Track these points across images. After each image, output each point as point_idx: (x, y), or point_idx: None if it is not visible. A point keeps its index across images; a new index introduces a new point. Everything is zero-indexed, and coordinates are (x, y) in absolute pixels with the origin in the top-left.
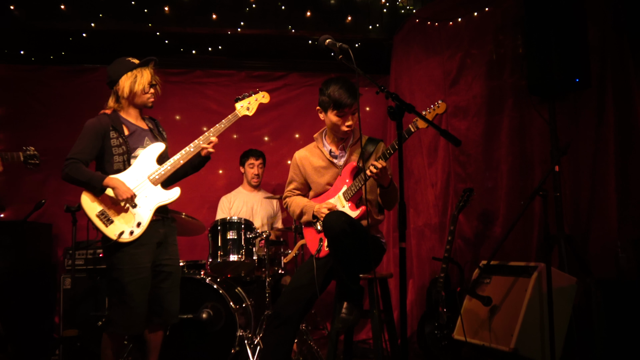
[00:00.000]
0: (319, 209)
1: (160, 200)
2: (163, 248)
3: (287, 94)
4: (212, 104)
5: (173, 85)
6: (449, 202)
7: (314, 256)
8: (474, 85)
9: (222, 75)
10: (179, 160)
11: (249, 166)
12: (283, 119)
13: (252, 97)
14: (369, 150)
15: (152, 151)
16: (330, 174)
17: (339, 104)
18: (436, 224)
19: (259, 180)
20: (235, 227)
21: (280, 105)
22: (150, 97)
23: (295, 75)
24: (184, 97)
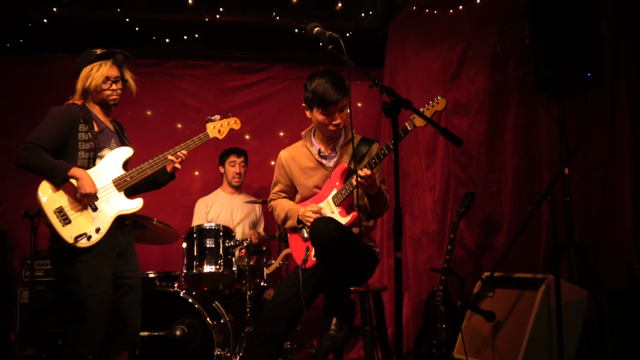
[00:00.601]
0: (303, 213)
1: (122, 209)
2: (124, 259)
3: (271, 88)
4: (187, 98)
5: (144, 77)
6: (449, 207)
7: (299, 267)
8: (476, 79)
9: (198, 67)
10: (146, 170)
11: (230, 164)
12: (266, 115)
13: (224, 120)
14: (362, 151)
15: (120, 154)
16: (319, 176)
17: (324, 101)
18: (434, 232)
19: (241, 180)
20: (212, 235)
21: (263, 100)
22: (111, 95)
23: (279, 67)
24: (156, 91)
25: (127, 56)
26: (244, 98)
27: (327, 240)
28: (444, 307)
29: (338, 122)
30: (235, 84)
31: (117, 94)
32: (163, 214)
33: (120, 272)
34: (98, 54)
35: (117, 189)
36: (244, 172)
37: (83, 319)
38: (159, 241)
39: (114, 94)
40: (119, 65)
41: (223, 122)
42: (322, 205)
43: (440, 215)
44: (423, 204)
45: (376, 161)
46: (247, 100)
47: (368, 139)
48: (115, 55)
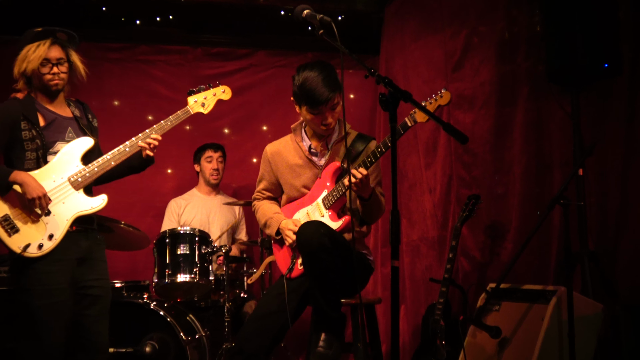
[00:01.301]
0: (284, 228)
1: (81, 209)
2: (88, 266)
3: (254, 77)
4: (160, 87)
5: (111, 63)
6: (450, 211)
7: (285, 276)
8: (482, 70)
9: (173, 52)
10: (109, 162)
11: (206, 160)
12: (248, 107)
13: (210, 91)
14: (357, 149)
15: (76, 147)
16: (308, 175)
17: (312, 100)
18: (434, 238)
19: (219, 178)
20: (187, 240)
21: (245, 90)
22: (52, 79)
23: (263, 54)
24: (125, 78)
25: (71, 35)
26: None
27: (315, 247)
28: (445, 322)
29: (329, 122)
30: (214, 71)
31: (59, 78)
32: (131, 216)
33: (83, 280)
34: (35, 33)
35: (75, 187)
36: (222, 169)
37: (34, 334)
38: (126, 247)
39: (56, 78)
40: (62, 46)
41: (208, 94)
42: (311, 208)
43: (440, 220)
44: (422, 207)
45: (372, 160)
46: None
47: (365, 136)
48: (56, 34)
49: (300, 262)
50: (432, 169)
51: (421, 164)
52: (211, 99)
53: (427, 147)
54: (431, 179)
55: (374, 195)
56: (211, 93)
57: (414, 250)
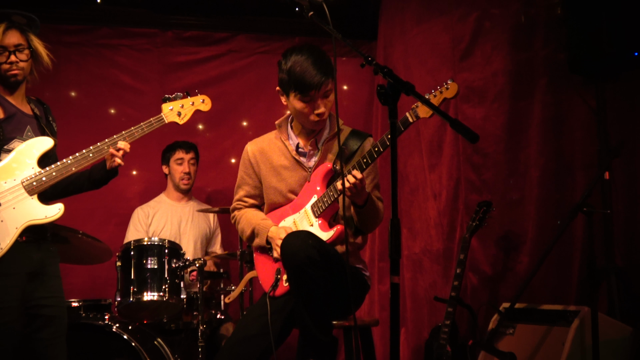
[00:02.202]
0: (275, 235)
1: (33, 217)
2: (39, 282)
3: (232, 65)
4: (124, 76)
5: (67, 48)
6: (458, 220)
7: (268, 294)
8: (494, 58)
9: (139, 36)
10: (69, 167)
11: (176, 162)
12: (226, 99)
13: (187, 99)
14: (351, 147)
15: (34, 147)
16: (295, 178)
17: (303, 85)
18: (439, 251)
19: (191, 182)
20: (155, 252)
21: (222, 80)
22: (10, 69)
23: (243, 38)
24: (84, 65)
25: (30, 18)
26: (197, 77)
27: (303, 261)
28: (451, 347)
29: (322, 111)
30: (186, 58)
31: (18, 67)
32: (91, 225)
33: (34, 298)
34: None
35: (28, 192)
36: (195, 172)
37: None
38: (85, 260)
39: (14, 67)
40: (21, 30)
41: (185, 102)
42: (298, 217)
43: (446, 229)
44: (425, 215)
45: (368, 161)
46: (201, 79)
47: (360, 133)
48: (11, 17)
49: (285, 279)
50: (437, 172)
51: (424, 166)
52: (188, 109)
53: (431, 146)
54: (436, 183)
55: (370, 201)
56: (189, 102)
57: (416, 264)
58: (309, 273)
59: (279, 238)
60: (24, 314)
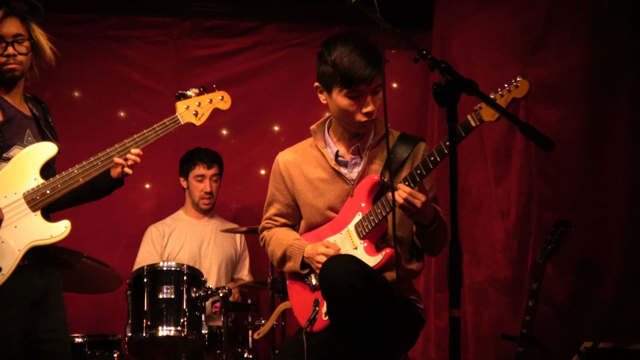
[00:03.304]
0: (312, 254)
1: (38, 237)
2: (41, 313)
3: (261, 59)
4: (134, 73)
5: (70, 41)
6: (530, 243)
7: (304, 330)
8: (572, 49)
9: (152, 26)
10: (75, 178)
11: (196, 179)
12: (253, 100)
13: (205, 96)
14: (400, 155)
15: (35, 153)
16: (336, 193)
17: (351, 78)
18: (507, 280)
19: (212, 202)
20: (171, 280)
21: (250, 78)
22: (7, 63)
23: (274, 28)
24: (88, 61)
25: (33, 5)
26: (220, 74)
27: (345, 291)
28: None
29: (370, 109)
30: (207, 52)
31: (17, 61)
32: (97, 247)
33: (35, 332)
34: None
35: (31, 208)
36: (217, 190)
37: None
38: (89, 288)
39: (12, 61)
40: (21, 19)
41: (203, 100)
42: (339, 238)
43: (516, 254)
44: (490, 236)
45: (422, 172)
46: (225, 77)
47: (410, 137)
48: (10, 2)
49: (325, 311)
50: (505, 185)
51: (489, 178)
52: (206, 107)
53: (497, 155)
54: (503, 199)
55: (438, 218)
56: (206, 99)
57: (479, 295)
58: (352, 305)
59: (319, 254)
60: (24, 349)
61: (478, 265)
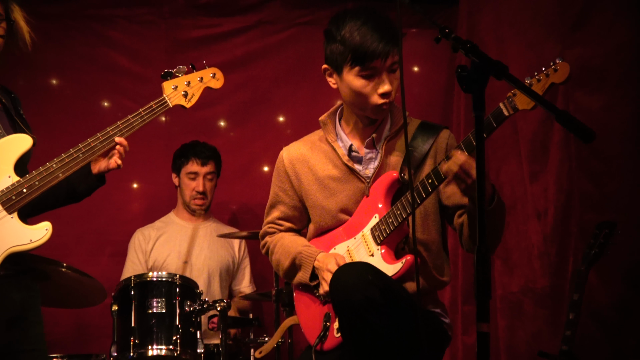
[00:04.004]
0: (323, 264)
1: (16, 243)
2: (19, 330)
3: (264, 41)
4: (120, 57)
5: (47, 21)
6: (570, 247)
7: (313, 348)
8: (618, 27)
9: (140, 4)
10: (55, 173)
11: (188, 176)
12: (255, 86)
13: (194, 74)
14: (421, 147)
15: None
16: (349, 193)
17: (363, 53)
18: (545, 290)
19: (205, 204)
20: (162, 292)
21: (251, 62)
22: None
23: (278, 5)
24: (67, 44)
25: None
26: (218, 57)
27: (360, 304)
28: None
29: (388, 89)
30: (203, 32)
31: None
32: (78, 256)
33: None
34: None
35: (7, 210)
36: (212, 189)
37: None
38: (70, 302)
39: None
40: None
41: (192, 78)
42: (353, 243)
43: (554, 260)
44: (525, 240)
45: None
46: (223, 61)
47: (431, 125)
48: None
49: (337, 327)
50: (542, 182)
51: (524, 174)
52: (196, 87)
53: (533, 148)
54: (540, 198)
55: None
56: (196, 78)
57: (513, 308)
58: (368, 320)
59: (327, 269)
60: None
61: (511, 273)
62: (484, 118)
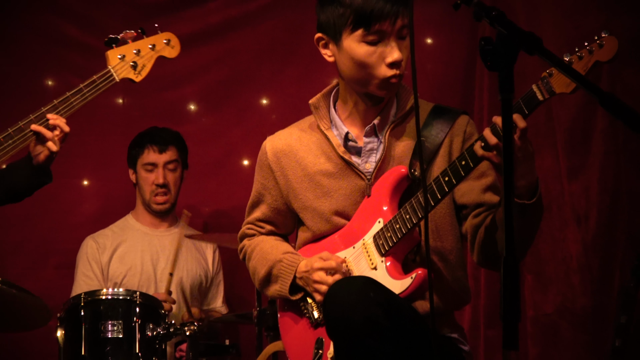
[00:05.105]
0: (307, 273)
1: None
2: None
3: (244, 6)
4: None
5: None
6: (617, 259)
7: None
8: None
9: None
10: None
11: (145, 168)
12: (234, 62)
13: (144, 41)
14: (434, 136)
15: None
16: (345, 192)
17: (368, 13)
18: (586, 311)
19: (169, 200)
20: (119, 313)
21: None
22: None
23: None
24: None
25: None
26: (188, 27)
27: (360, 327)
28: None
29: (398, 57)
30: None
31: None
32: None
33: None
34: None
35: None
36: (177, 182)
37: None
38: (8, 325)
39: None
40: None
41: (142, 45)
42: (352, 253)
43: (597, 275)
44: (562, 250)
45: (469, 163)
46: (195, 31)
47: (447, 110)
48: None
49: (331, 355)
50: (582, 180)
51: (561, 170)
52: (148, 56)
53: (571, 138)
54: (580, 199)
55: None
56: (147, 45)
57: (548, 332)
58: (369, 346)
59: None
60: None
61: (545, 290)
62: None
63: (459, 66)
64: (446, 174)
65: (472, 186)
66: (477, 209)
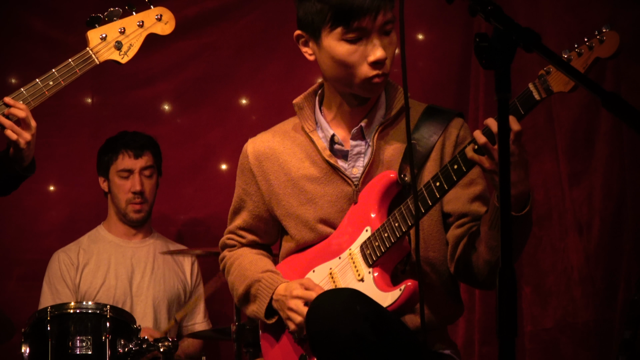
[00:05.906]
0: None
1: None
2: None
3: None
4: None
5: None
6: (622, 270)
7: None
8: None
9: None
10: None
11: (120, 175)
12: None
13: (132, 18)
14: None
15: None
16: (331, 198)
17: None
18: (588, 326)
19: (146, 209)
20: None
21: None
22: None
23: None
24: None
25: None
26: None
27: (345, 341)
28: None
29: (381, 55)
30: None
31: None
32: None
33: None
34: None
35: None
36: (153, 189)
37: None
38: None
39: None
40: None
41: (129, 23)
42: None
43: (600, 287)
44: (563, 261)
45: (461, 168)
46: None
47: (440, 111)
48: None
49: None
50: (585, 186)
51: (561, 175)
52: (135, 35)
53: (573, 141)
54: (582, 205)
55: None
56: (134, 22)
57: (547, 348)
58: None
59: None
60: None
61: (544, 304)
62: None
63: (452, 64)
64: (437, 179)
65: (459, 194)
66: (461, 218)
